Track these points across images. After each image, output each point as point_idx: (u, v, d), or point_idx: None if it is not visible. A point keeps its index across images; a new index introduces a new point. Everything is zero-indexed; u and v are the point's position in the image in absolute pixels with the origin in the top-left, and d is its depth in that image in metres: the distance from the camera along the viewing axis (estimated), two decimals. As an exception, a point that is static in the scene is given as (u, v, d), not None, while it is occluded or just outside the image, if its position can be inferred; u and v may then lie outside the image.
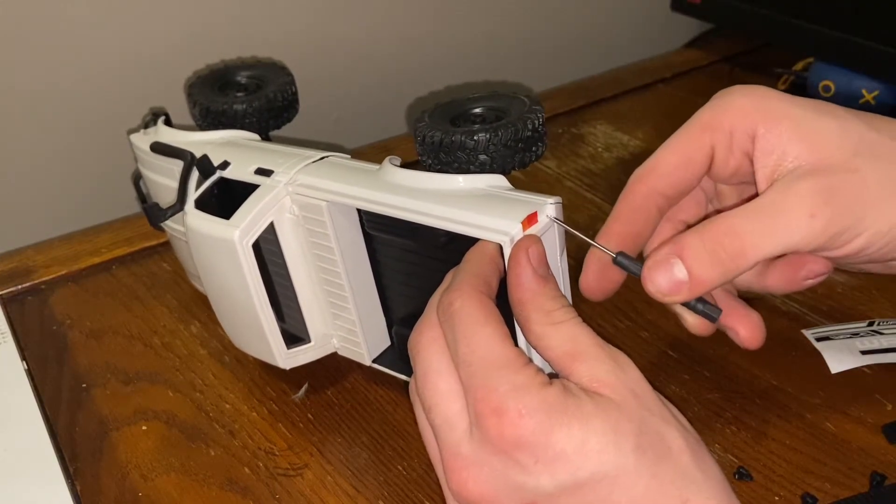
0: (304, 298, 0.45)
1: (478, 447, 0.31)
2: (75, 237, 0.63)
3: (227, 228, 0.42)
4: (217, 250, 0.43)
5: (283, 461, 0.44)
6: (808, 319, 0.50)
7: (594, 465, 0.30)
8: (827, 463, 0.41)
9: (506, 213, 0.36)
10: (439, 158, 0.41)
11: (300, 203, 0.42)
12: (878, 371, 0.46)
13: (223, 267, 0.43)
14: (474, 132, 0.40)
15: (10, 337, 0.52)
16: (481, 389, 0.31)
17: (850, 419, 0.43)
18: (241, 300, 0.44)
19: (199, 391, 0.49)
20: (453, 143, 0.40)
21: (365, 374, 0.49)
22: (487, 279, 0.34)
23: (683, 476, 0.30)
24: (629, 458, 0.30)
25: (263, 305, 0.44)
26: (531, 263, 0.34)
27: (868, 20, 0.69)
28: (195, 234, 0.44)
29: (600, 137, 0.72)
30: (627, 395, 0.31)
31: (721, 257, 0.33)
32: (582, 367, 0.32)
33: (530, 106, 0.41)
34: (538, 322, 0.33)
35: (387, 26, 0.75)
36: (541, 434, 0.30)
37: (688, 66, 0.84)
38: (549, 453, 0.30)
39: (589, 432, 0.30)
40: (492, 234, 0.35)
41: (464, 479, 0.31)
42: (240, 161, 0.45)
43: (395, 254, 0.44)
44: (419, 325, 0.35)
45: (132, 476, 0.44)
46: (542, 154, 0.42)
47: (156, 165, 0.49)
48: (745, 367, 0.47)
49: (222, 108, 0.50)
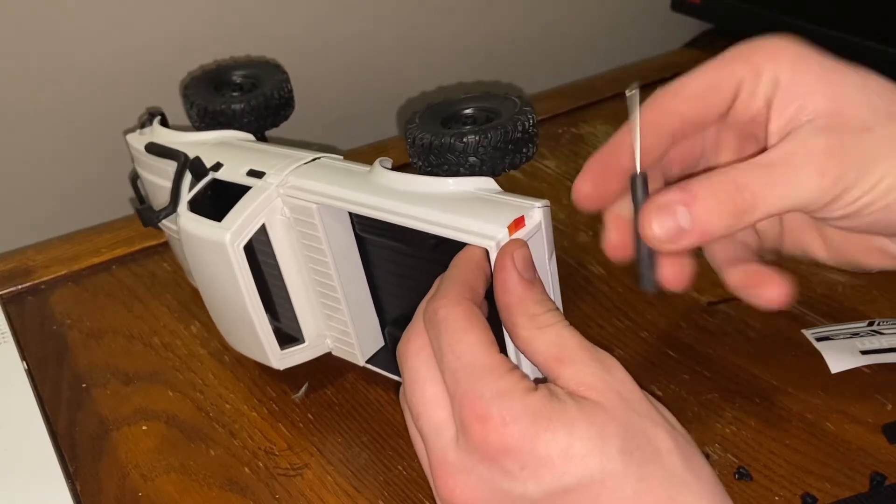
0: (296, 299, 0.45)
1: (465, 454, 0.31)
2: (75, 237, 0.63)
3: (218, 231, 0.42)
4: (209, 252, 0.43)
5: (283, 461, 0.44)
6: (808, 319, 0.50)
7: (580, 469, 0.30)
8: (827, 463, 0.41)
9: (492, 217, 0.36)
10: (429, 160, 0.41)
11: (291, 205, 0.43)
12: (877, 371, 0.46)
13: (216, 269, 0.44)
14: (464, 134, 0.40)
15: (10, 337, 0.52)
16: (466, 396, 0.31)
17: (849, 419, 0.43)
18: (234, 301, 0.44)
19: (200, 391, 0.49)
20: (443, 146, 0.40)
21: (365, 374, 0.49)
22: (473, 285, 0.34)
23: (672, 477, 0.30)
24: (615, 461, 0.30)
25: (256, 307, 0.44)
26: (517, 268, 0.34)
27: (868, 20, 0.69)
28: (188, 236, 0.44)
29: (600, 137, 0.72)
30: (613, 397, 0.31)
31: (730, 209, 0.32)
32: (568, 371, 0.32)
33: (521, 107, 0.41)
34: (524, 326, 0.33)
35: (384, 26, 0.75)
36: (525, 440, 0.30)
37: (688, 66, 0.84)
38: (534, 459, 0.30)
39: (574, 437, 0.30)
40: (478, 238, 0.35)
41: (451, 487, 0.31)
42: (232, 162, 0.45)
43: (386, 255, 0.44)
44: (407, 333, 0.35)
45: (132, 476, 0.44)
46: (533, 155, 0.42)
47: (151, 166, 0.49)
48: (745, 367, 0.47)
49: (220, 107, 0.50)
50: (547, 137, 0.72)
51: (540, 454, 0.30)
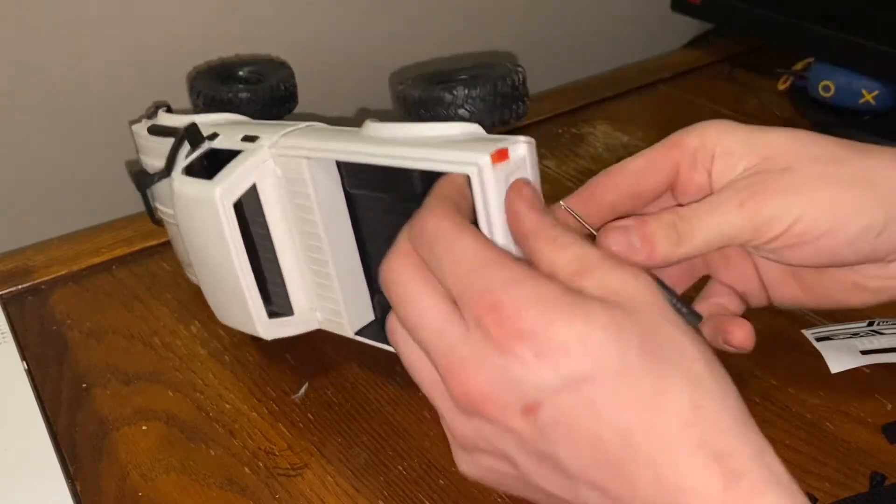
0: (287, 270, 0.45)
1: (477, 346, 0.30)
2: (75, 237, 0.63)
3: (209, 188, 0.42)
4: (200, 212, 0.43)
5: (283, 461, 0.44)
6: (808, 319, 0.50)
7: (597, 359, 0.29)
8: (827, 463, 0.41)
9: (476, 148, 0.35)
10: (419, 115, 0.41)
11: (283, 165, 0.43)
12: (877, 371, 0.46)
13: (205, 230, 0.44)
14: (453, 87, 0.40)
15: (10, 337, 0.52)
16: (473, 291, 0.30)
17: (849, 419, 0.43)
18: (222, 264, 0.44)
19: (199, 391, 0.49)
20: (432, 99, 0.40)
21: (365, 374, 0.49)
22: (457, 204, 0.34)
23: (693, 381, 0.29)
24: (633, 355, 0.29)
25: (244, 268, 0.44)
26: (526, 201, 0.34)
27: (868, 20, 0.69)
28: (180, 198, 0.45)
29: (600, 137, 0.73)
30: (640, 298, 0.30)
31: (672, 234, 0.36)
32: (591, 281, 0.31)
33: (511, 66, 0.42)
34: (544, 251, 0.32)
35: (384, 28, 0.75)
36: (539, 325, 0.29)
37: (688, 66, 0.85)
38: (549, 345, 0.29)
39: (591, 326, 0.29)
40: (460, 166, 0.35)
41: (464, 379, 0.30)
42: (229, 133, 0.46)
43: (376, 218, 0.43)
44: (389, 254, 0.34)
45: (132, 476, 0.44)
46: (524, 114, 0.42)
47: (154, 149, 0.50)
48: (745, 367, 0.47)
49: (227, 96, 0.50)
50: (547, 137, 0.72)
51: (555, 340, 0.29)
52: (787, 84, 0.78)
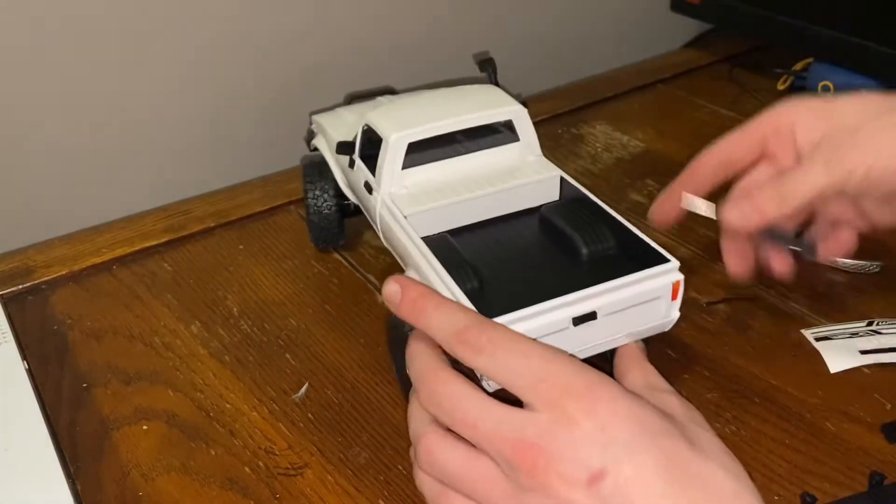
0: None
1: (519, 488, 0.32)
2: (75, 237, 0.63)
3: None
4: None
5: (283, 461, 0.44)
6: (808, 319, 0.50)
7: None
8: (826, 462, 0.41)
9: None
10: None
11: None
12: (877, 371, 0.46)
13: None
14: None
15: (10, 337, 0.53)
16: (506, 439, 0.32)
17: (849, 419, 0.44)
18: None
19: (200, 391, 0.49)
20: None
21: (365, 374, 0.49)
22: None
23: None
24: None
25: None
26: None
27: (868, 20, 0.69)
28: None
29: (600, 137, 0.73)
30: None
31: (776, 197, 0.45)
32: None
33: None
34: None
35: (385, 26, 0.75)
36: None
37: (688, 66, 0.85)
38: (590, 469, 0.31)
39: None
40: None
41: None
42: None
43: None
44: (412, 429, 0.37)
45: (133, 476, 0.44)
46: None
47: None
48: (745, 367, 0.47)
49: None
50: (547, 137, 0.72)
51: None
52: (787, 84, 0.78)
